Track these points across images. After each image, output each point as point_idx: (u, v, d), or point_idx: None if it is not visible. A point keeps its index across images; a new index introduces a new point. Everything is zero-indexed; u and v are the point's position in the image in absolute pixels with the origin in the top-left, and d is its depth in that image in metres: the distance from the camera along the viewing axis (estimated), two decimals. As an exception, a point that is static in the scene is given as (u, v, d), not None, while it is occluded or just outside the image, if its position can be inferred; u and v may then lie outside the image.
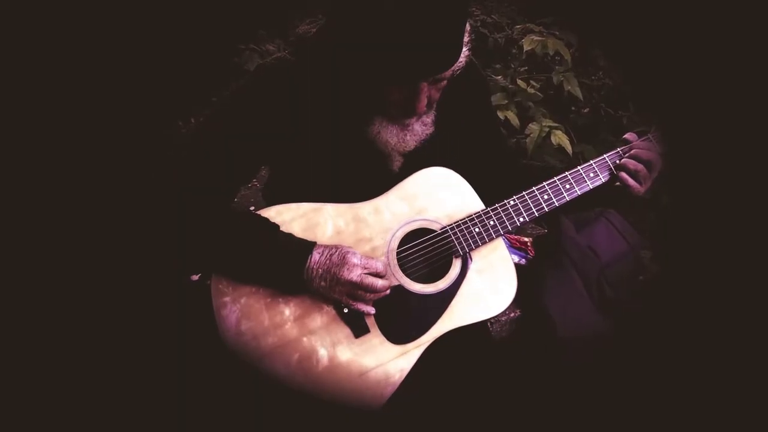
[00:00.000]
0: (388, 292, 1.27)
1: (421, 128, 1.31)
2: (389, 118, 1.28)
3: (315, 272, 1.21)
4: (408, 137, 1.31)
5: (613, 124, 3.45)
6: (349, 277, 1.21)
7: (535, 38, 2.82)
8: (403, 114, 1.26)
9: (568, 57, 2.87)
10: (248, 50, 3.71)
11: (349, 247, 1.26)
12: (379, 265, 1.25)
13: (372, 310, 1.25)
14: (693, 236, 1.23)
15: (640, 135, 1.45)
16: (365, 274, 1.22)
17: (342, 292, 1.23)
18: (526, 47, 2.82)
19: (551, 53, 2.87)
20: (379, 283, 1.23)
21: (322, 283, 1.22)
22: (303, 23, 1.32)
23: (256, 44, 3.86)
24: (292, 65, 1.29)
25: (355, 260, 1.22)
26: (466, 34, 1.24)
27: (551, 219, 1.78)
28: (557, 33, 2.95)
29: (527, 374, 1.57)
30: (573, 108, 3.43)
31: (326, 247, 1.24)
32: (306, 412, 1.24)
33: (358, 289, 1.22)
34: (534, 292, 1.84)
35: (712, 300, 1.20)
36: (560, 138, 2.65)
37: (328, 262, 1.22)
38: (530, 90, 2.96)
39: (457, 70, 1.28)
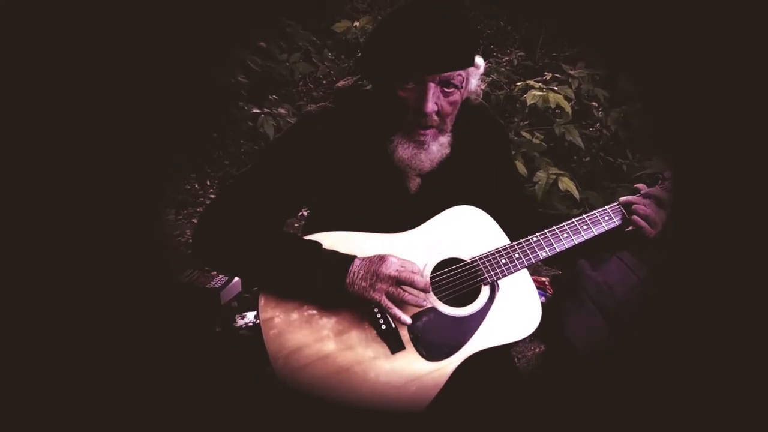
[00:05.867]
0: (426, 303, 1.35)
1: (437, 149, 1.41)
2: (405, 132, 1.38)
3: (356, 275, 1.30)
4: (423, 156, 1.40)
5: (612, 172, 3.61)
6: (387, 272, 1.29)
7: (537, 93, 3.01)
8: (415, 118, 1.35)
9: (568, 109, 3.05)
10: (263, 114, 3.97)
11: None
12: (416, 267, 1.34)
13: (408, 320, 1.31)
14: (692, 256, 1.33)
15: (649, 185, 1.59)
16: (403, 270, 1.31)
17: (382, 289, 1.29)
18: (529, 101, 3.00)
19: (552, 107, 3.05)
20: (417, 278, 1.31)
21: (363, 284, 1.29)
22: (342, 79, 1.49)
23: (269, 108, 4.13)
24: (331, 111, 1.45)
25: (393, 259, 1.31)
26: (480, 69, 1.39)
27: (566, 260, 1.89)
28: (556, 88, 3.14)
29: (548, 394, 1.65)
30: (575, 157, 3.59)
31: (367, 257, 1.33)
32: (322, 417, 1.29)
33: (398, 285, 1.30)
34: (557, 327, 1.94)
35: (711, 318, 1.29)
36: (567, 184, 2.79)
37: (368, 264, 1.31)
38: (535, 141, 3.12)
39: (474, 95, 1.44)
